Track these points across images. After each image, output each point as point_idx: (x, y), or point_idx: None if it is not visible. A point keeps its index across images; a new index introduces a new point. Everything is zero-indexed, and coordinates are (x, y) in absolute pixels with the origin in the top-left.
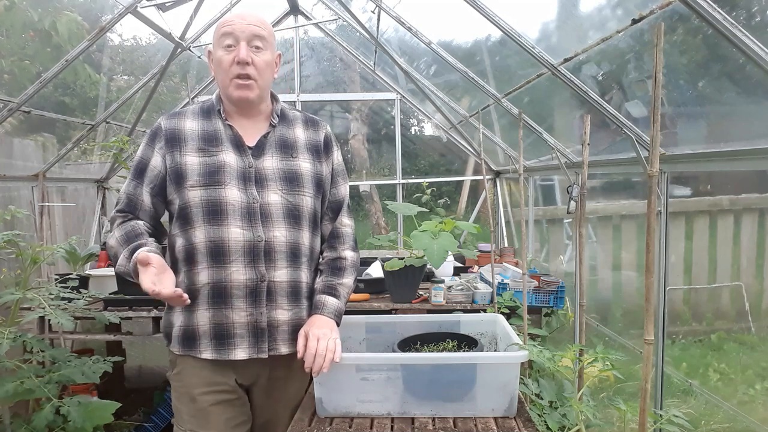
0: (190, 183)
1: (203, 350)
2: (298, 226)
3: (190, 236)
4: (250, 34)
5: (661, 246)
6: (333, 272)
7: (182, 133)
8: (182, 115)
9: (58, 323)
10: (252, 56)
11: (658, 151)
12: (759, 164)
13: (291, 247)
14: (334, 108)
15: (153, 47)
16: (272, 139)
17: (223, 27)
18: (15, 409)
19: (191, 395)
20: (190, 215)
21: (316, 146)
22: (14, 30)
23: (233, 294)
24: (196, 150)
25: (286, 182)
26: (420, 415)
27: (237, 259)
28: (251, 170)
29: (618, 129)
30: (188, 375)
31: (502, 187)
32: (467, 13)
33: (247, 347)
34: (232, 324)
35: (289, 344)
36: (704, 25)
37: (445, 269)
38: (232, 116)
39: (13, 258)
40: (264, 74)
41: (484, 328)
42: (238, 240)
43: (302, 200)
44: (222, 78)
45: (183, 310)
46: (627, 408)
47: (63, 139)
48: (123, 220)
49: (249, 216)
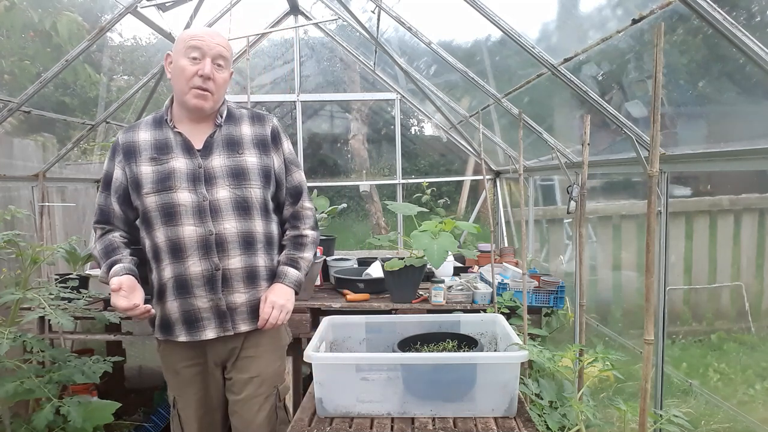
0: (146, 190)
1: (178, 334)
2: (249, 216)
3: (153, 237)
4: (216, 53)
5: (661, 246)
6: (295, 247)
7: (136, 145)
8: (136, 128)
9: (58, 323)
10: (214, 73)
11: (658, 151)
12: (759, 164)
13: (243, 236)
14: (334, 108)
15: (153, 47)
16: (218, 138)
17: (192, 40)
18: (15, 409)
19: (175, 368)
20: (150, 219)
21: (263, 140)
22: (14, 30)
23: (193, 284)
24: (149, 160)
25: (233, 178)
26: (420, 415)
27: (193, 254)
28: (200, 171)
29: (618, 129)
30: (170, 353)
31: (502, 187)
32: (467, 13)
33: (215, 327)
34: (198, 309)
35: (249, 322)
36: (704, 25)
37: (445, 269)
38: (181, 121)
39: (13, 258)
40: (220, 90)
41: (484, 328)
42: (192, 236)
43: (250, 192)
44: (181, 85)
45: (157, 302)
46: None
47: (63, 139)
48: (102, 232)
49: (200, 213)
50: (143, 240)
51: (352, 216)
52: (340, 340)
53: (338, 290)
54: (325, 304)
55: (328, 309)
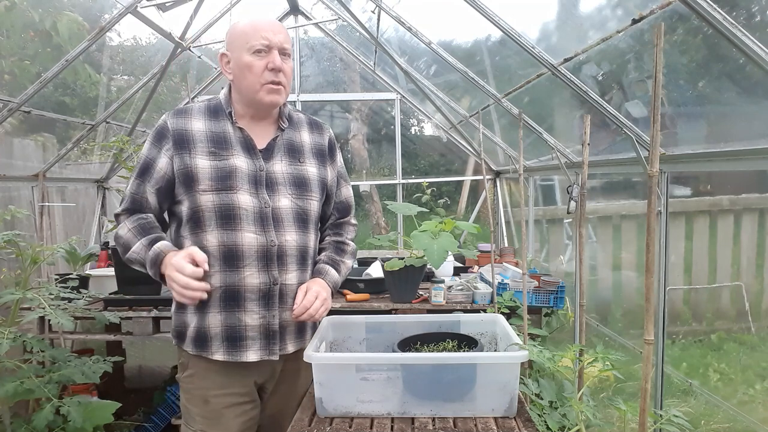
0: (202, 187)
1: (215, 351)
2: (306, 229)
3: (202, 240)
4: (281, 43)
5: (661, 246)
6: (337, 252)
7: (190, 134)
8: (188, 114)
9: (58, 323)
10: (282, 64)
11: (658, 151)
12: (759, 164)
13: (300, 251)
14: (334, 108)
15: (153, 47)
16: (281, 142)
17: (254, 33)
18: (15, 409)
19: (205, 397)
20: (202, 219)
21: (321, 150)
22: (15, 30)
23: (246, 297)
24: (206, 153)
25: (295, 187)
26: (420, 415)
27: (251, 264)
28: (262, 174)
29: (618, 129)
30: (201, 378)
31: (502, 187)
32: (467, 13)
33: (259, 349)
34: (245, 326)
35: (295, 342)
36: (704, 25)
37: (445, 269)
38: (243, 119)
39: (13, 258)
40: (290, 81)
41: (484, 328)
42: (252, 244)
43: (310, 204)
44: (251, 82)
45: (196, 311)
46: (627, 408)
47: (63, 139)
48: (132, 214)
49: (261, 220)
50: (181, 241)
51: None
52: (340, 340)
53: (338, 290)
54: None
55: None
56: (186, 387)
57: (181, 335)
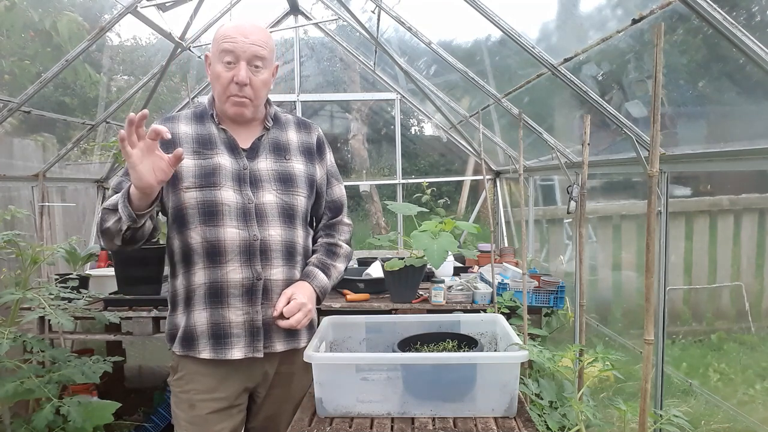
0: (186, 185)
1: (201, 350)
2: (292, 225)
3: (186, 237)
4: (251, 55)
5: (661, 246)
6: (328, 254)
7: (176, 137)
8: (176, 120)
9: (58, 323)
10: (251, 76)
11: (658, 151)
12: (759, 164)
13: (286, 246)
14: (334, 108)
15: (153, 47)
16: (266, 141)
17: (224, 41)
18: (15, 409)
19: (191, 401)
20: (185, 216)
21: (309, 148)
22: (14, 30)
23: (230, 293)
24: (191, 152)
25: (280, 182)
26: (420, 415)
27: (233, 259)
28: (246, 172)
29: (618, 129)
30: (188, 381)
31: (502, 187)
32: (467, 13)
33: (243, 346)
34: (229, 323)
35: (285, 342)
36: (704, 25)
37: (445, 269)
38: (225, 121)
39: (13, 258)
40: (260, 93)
41: (484, 328)
42: (234, 239)
43: (296, 200)
44: (219, 92)
45: (183, 311)
46: (627, 408)
47: (63, 139)
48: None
49: (244, 216)
50: (170, 242)
51: (352, 216)
52: (340, 340)
53: (338, 290)
54: (325, 304)
55: (328, 309)
56: (175, 391)
57: (173, 337)
